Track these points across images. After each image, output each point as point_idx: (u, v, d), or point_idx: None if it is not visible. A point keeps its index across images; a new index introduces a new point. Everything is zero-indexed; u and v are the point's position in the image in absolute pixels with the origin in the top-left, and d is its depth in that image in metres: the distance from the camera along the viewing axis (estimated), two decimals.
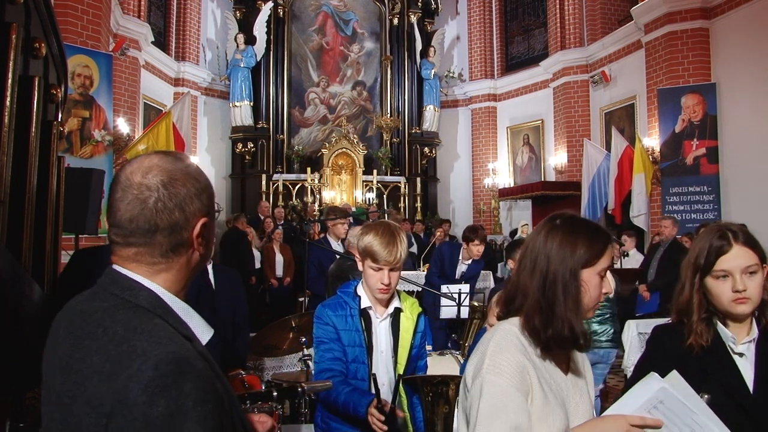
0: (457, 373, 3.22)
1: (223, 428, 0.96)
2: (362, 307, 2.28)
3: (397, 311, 2.34)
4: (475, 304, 4.78)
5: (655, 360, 1.68)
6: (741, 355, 1.64)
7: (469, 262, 5.47)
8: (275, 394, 1.55)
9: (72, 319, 1.00)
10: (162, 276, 1.05)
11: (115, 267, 1.04)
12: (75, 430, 0.90)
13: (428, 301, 5.18)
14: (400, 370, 2.30)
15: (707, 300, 1.66)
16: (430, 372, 2.48)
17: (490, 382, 1.30)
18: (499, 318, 1.48)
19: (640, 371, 1.61)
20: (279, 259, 8.58)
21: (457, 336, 4.62)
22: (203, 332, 1.08)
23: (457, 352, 3.93)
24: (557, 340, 1.34)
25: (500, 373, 1.30)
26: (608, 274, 1.42)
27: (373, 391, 2.06)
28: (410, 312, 2.37)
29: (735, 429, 1.45)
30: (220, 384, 1.02)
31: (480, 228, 5.51)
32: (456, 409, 1.48)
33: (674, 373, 1.28)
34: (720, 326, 1.65)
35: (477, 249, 5.28)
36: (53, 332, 1.02)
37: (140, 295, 1.01)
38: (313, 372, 3.23)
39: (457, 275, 5.50)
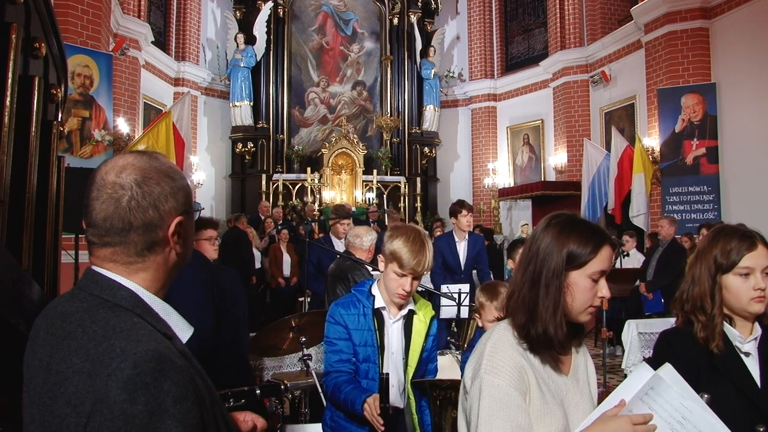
0: (458, 373, 3.23)
1: (204, 426, 0.96)
2: (376, 306, 2.26)
3: (411, 313, 2.32)
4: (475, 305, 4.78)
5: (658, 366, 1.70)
6: (747, 354, 1.66)
7: (466, 237, 5.47)
8: (258, 392, 1.55)
9: (52, 321, 0.99)
10: (140, 275, 1.04)
11: (94, 267, 1.04)
12: (56, 430, 0.90)
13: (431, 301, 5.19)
14: (410, 372, 2.29)
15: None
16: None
17: (489, 382, 1.30)
18: (499, 318, 1.48)
19: None
20: (287, 259, 8.59)
21: (454, 337, 4.62)
22: (183, 330, 1.08)
23: (457, 352, 3.93)
24: (539, 340, 1.33)
25: (498, 373, 1.30)
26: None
27: (384, 390, 2.06)
28: (423, 315, 2.35)
29: (747, 426, 1.48)
30: (202, 381, 1.01)
31: (464, 201, 5.58)
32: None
33: (667, 366, 1.28)
34: (727, 326, 1.68)
35: (466, 219, 5.34)
36: (33, 335, 1.01)
37: (119, 295, 1.00)
38: (314, 372, 3.24)
39: (462, 257, 5.48)
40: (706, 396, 1.30)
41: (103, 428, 0.86)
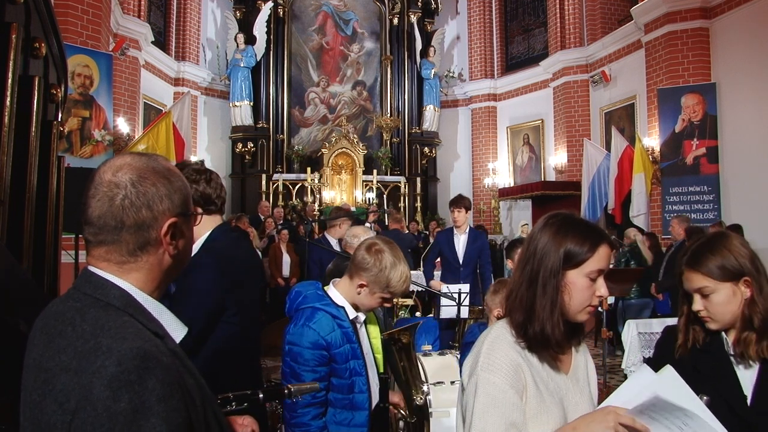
0: (456, 374, 3.24)
1: (192, 426, 0.95)
2: (350, 318, 2.17)
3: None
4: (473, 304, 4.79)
5: (657, 359, 1.69)
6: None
7: (466, 231, 5.59)
8: (261, 395, 1.53)
9: (47, 320, 1.00)
10: (133, 275, 1.04)
11: (89, 267, 1.05)
12: (44, 427, 0.90)
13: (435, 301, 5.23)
14: (381, 361, 2.28)
15: None
16: (431, 374, 2.48)
17: (485, 379, 1.30)
18: (500, 317, 1.49)
19: None
20: (286, 259, 8.59)
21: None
22: (176, 330, 1.08)
23: (457, 352, 3.94)
24: (537, 339, 1.33)
25: (494, 370, 1.30)
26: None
27: (384, 391, 2.05)
28: None
29: (739, 428, 1.46)
30: (193, 381, 1.01)
31: (462, 197, 5.66)
32: (456, 411, 1.47)
33: (668, 368, 1.27)
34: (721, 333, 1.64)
35: (454, 216, 5.52)
36: (31, 335, 1.02)
37: (111, 294, 1.01)
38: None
39: (460, 251, 5.52)
40: (705, 398, 1.29)
41: (86, 425, 0.86)
